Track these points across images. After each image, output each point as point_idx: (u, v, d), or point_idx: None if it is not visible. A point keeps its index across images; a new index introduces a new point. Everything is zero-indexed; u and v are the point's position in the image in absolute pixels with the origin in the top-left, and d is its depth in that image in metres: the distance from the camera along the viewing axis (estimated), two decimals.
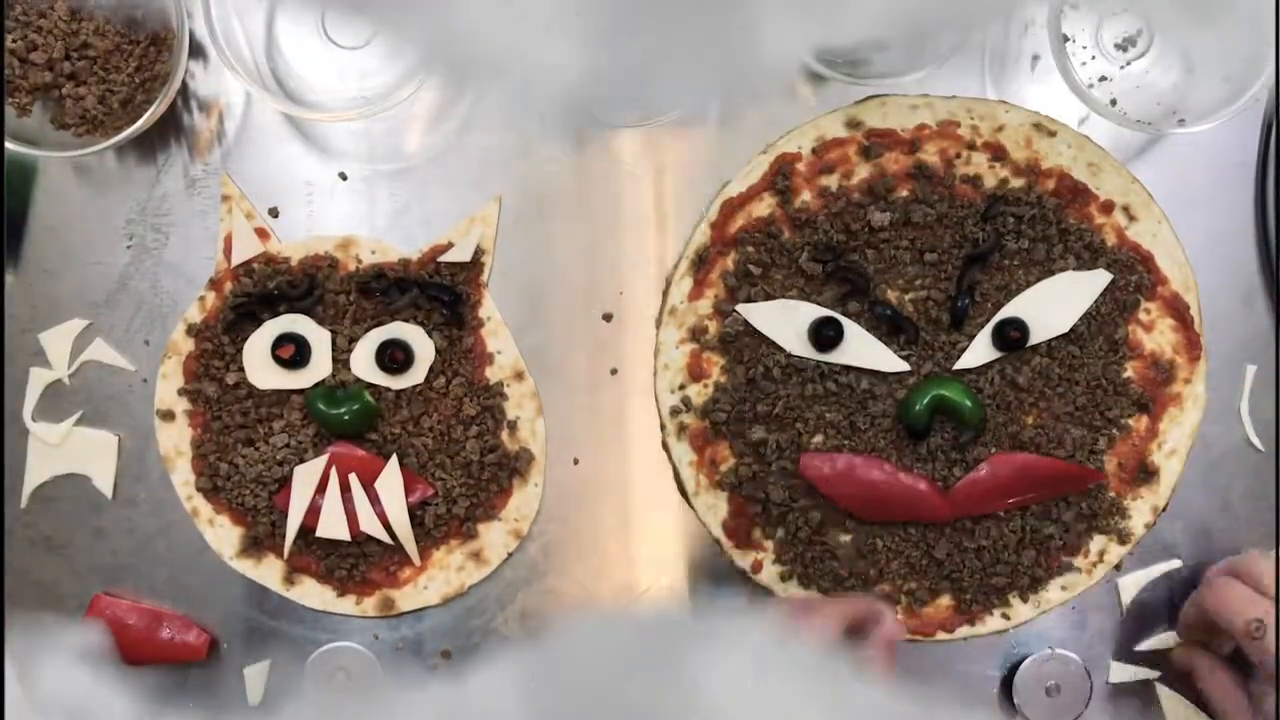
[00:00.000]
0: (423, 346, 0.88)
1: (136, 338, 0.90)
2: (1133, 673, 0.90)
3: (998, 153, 0.88)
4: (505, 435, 0.89)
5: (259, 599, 0.90)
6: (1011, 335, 0.86)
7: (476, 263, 0.89)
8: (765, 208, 0.88)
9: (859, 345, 0.87)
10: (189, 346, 0.89)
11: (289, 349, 0.87)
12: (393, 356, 0.87)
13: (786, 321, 0.88)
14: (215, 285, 0.89)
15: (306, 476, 0.87)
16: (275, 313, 0.88)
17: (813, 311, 0.87)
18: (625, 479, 0.91)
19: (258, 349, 0.88)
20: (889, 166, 0.88)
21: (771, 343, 0.88)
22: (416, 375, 0.88)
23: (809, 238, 0.88)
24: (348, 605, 0.90)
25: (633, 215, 0.90)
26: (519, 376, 0.90)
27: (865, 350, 0.87)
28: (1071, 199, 0.88)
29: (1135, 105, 0.89)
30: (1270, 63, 0.82)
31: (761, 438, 0.87)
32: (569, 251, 0.91)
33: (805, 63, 0.85)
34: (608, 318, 0.91)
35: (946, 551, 0.88)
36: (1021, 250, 0.87)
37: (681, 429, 0.89)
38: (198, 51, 0.89)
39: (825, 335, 0.86)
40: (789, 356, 0.88)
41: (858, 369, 0.88)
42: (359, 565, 0.89)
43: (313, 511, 0.87)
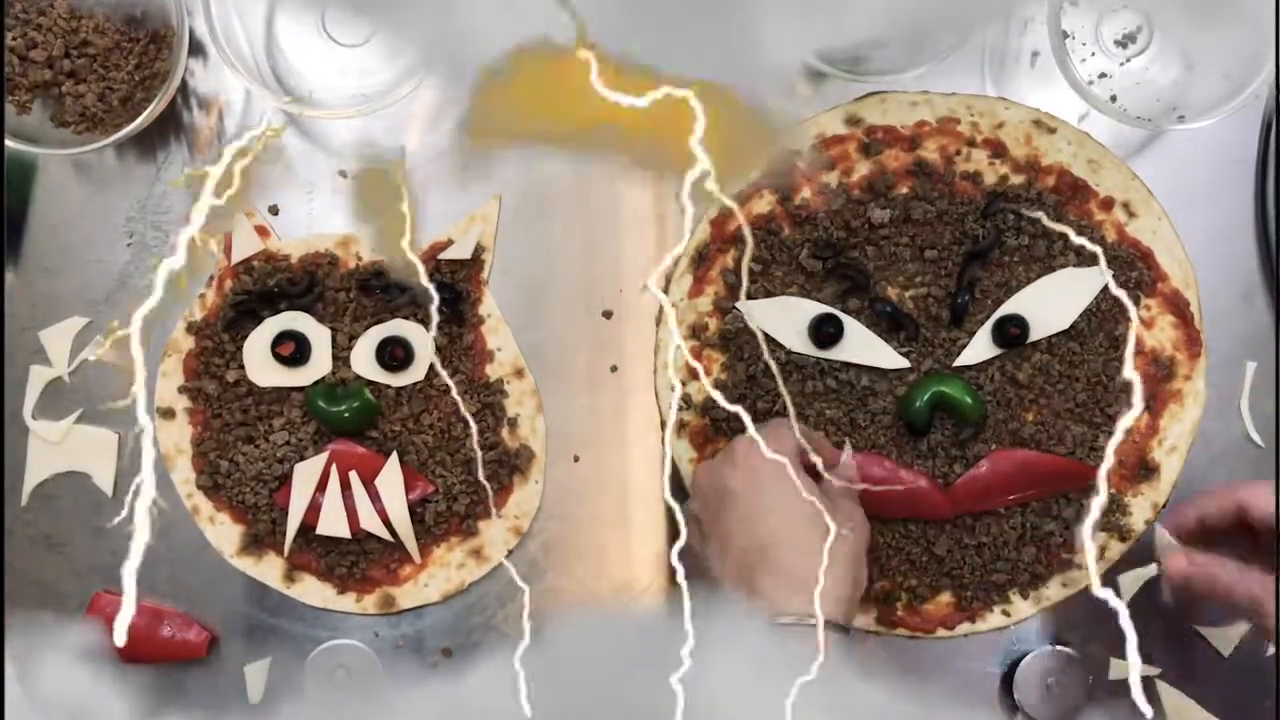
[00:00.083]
0: (423, 344, 0.88)
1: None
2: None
3: (998, 149, 0.88)
4: (505, 432, 0.89)
5: (259, 597, 0.90)
6: (1011, 332, 0.86)
7: (477, 260, 0.89)
8: (765, 204, 0.88)
9: (859, 342, 0.87)
10: (189, 344, 0.89)
11: (289, 346, 0.87)
12: (393, 354, 0.87)
13: (786, 318, 0.88)
14: (215, 283, 0.89)
15: (307, 474, 0.87)
16: (275, 310, 0.88)
17: (813, 308, 0.87)
18: (625, 476, 0.91)
19: (258, 347, 0.88)
20: (889, 163, 0.88)
21: (772, 339, 0.88)
22: (417, 373, 0.88)
23: (809, 234, 0.87)
24: (348, 603, 0.90)
25: (632, 213, 0.90)
26: (519, 374, 0.90)
27: (865, 347, 0.87)
28: (1071, 195, 0.88)
29: (1135, 102, 0.89)
30: (1270, 59, 0.82)
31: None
32: (569, 249, 0.91)
33: (805, 60, 0.85)
34: (608, 315, 0.90)
35: (947, 548, 0.88)
36: (1021, 247, 0.87)
37: (682, 427, 0.89)
38: (197, 49, 0.89)
39: (825, 332, 0.86)
40: (789, 353, 0.88)
41: (858, 366, 0.88)
42: (359, 563, 0.89)
43: (313, 509, 0.87)
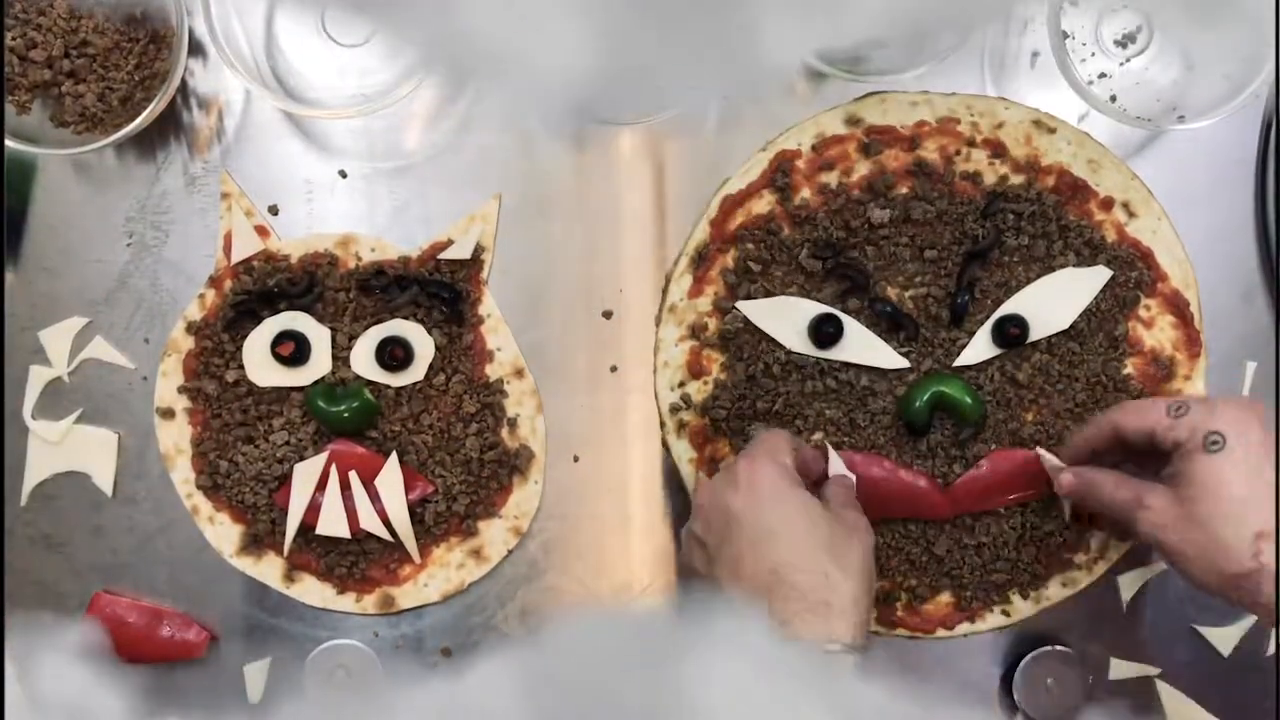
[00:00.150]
0: (422, 344, 0.88)
1: (136, 335, 0.90)
2: (1133, 669, 0.90)
3: (997, 149, 0.88)
4: (505, 432, 0.89)
5: (259, 597, 0.90)
6: (1011, 332, 0.86)
7: (476, 260, 0.89)
8: (765, 205, 0.88)
9: (859, 342, 0.87)
10: (189, 344, 0.89)
11: (289, 346, 0.87)
12: (392, 354, 0.87)
13: (786, 318, 0.87)
14: (215, 283, 0.89)
15: (306, 474, 0.87)
16: (275, 310, 0.88)
17: (813, 308, 0.87)
18: (625, 476, 0.91)
19: (258, 347, 0.88)
20: (889, 163, 0.88)
21: (771, 340, 0.88)
22: (416, 373, 0.88)
23: (809, 235, 0.87)
24: (348, 603, 0.90)
25: (632, 213, 0.90)
26: (519, 374, 0.90)
27: (865, 347, 0.87)
28: (1071, 195, 0.88)
29: (1135, 102, 0.89)
30: (1270, 59, 0.82)
31: None
32: (569, 249, 0.91)
33: (805, 60, 0.85)
34: (608, 315, 0.90)
35: (946, 548, 0.88)
36: (1021, 247, 0.87)
37: (681, 426, 0.89)
38: (197, 49, 0.89)
39: (825, 332, 0.86)
40: (789, 353, 0.88)
41: (857, 366, 0.88)
42: (359, 563, 0.89)
43: (313, 509, 0.87)
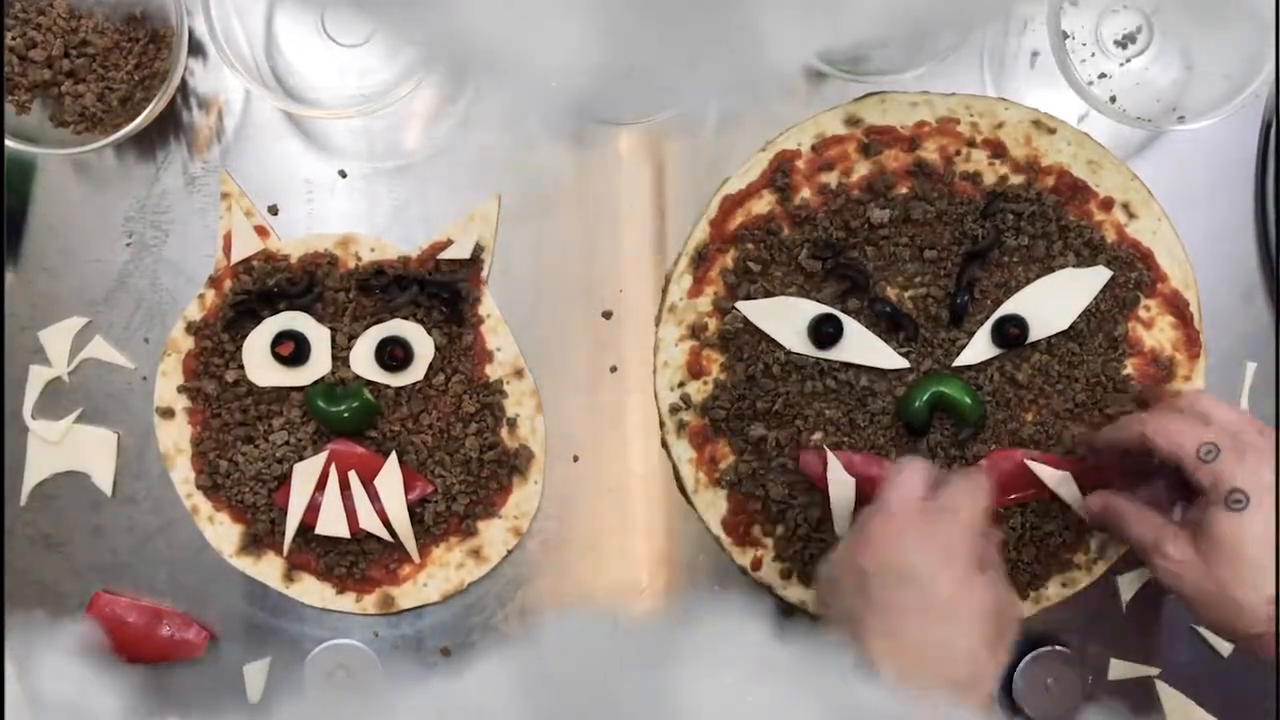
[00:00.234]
0: (422, 344, 0.88)
1: (136, 335, 0.90)
2: (1132, 670, 0.90)
3: (997, 150, 0.88)
4: (505, 432, 0.89)
5: (259, 596, 0.90)
6: (1011, 332, 0.86)
7: (476, 260, 0.89)
8: (765, 205, 0.88)
9: (858, 342, 0.87)
10: (189, 344, 0.89)
11: (289, 346, 0.87)
12: (392, 354, 0.87)
13: (786, 318, 0.87)
14: (215, 283, 0.89)
15: (306, 474, 0.87)
16: (275, 310, 0.88)
17: (812, 308, 0.87)
18: (625, 476, 0.91)
19: (257, 346, 0.88)
20: (888, 163, 0.88)
21: (771, 340, 0.88)
22: (416, 373, 0.88)
23: (808, 235, 0.87)
24: (347, 603, 0.90)
25: (632, 213, 0.90)
26: (518, 374, 0.90)
27: (865, 347, 0.87)
28: (1071, 196, 0.88)
29: (1135, 102, 0.89)
30: (1270, 59, 0.82)
31: (761, 435, 0.87)
32: (569, 249, 0.91)
33: (805, 60, 0.85)
34: (607, 315, 0.90)
35: None
36: (1021, 247, 0.87)
37: (681, 426, 0.89)
38: (197, 49, 0.89)
39: (825, 332, 0.86)
40: (788, 353, 0.88)
41: (857, 366, 0.88)
42: (359, 563, 0.89)
43: (312, 509, 0.87)
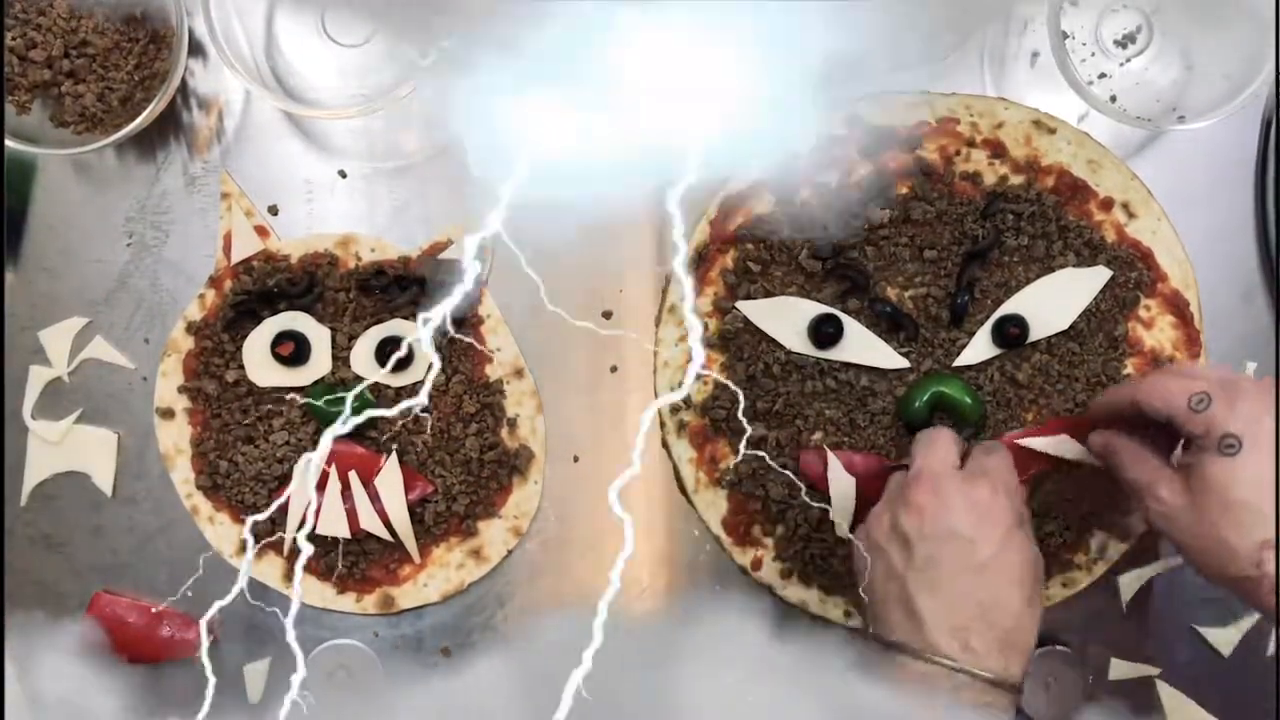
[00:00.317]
0: (422, 344, 0.88)
1: (136, 335, 0.90)
2: (1133, 670, 0.90)
3: (997, 150, 0.88)
4: (505, 433, 0.89)
5: (259, 597, 0.90)
6: (1011, 332, 0.86)
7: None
8: (765, 205, 0.88)
9: (859, 342, 0.87)
10: (189, 344, 0.89)
11: (289, 346, 0.87)
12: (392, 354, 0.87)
13: (786, 318, 0.87)
14: (215, 283, 0.89)
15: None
16: (275, 310, 0.88)
17: (812, 308, 0.87)
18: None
19: (257, 347, 0.88)
20: (889, 163, 0.88)
21: (771, 340, 0.88)
22: (416, 373, 0.88)
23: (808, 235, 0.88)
24: (348, 603, 0.90)
25: (632, 213, 0.90)
26: (519, 374, 0.90)
27: (865, 347, 0.87)
28: (1071, 196, 0.88)
29: (1135, 102, 0.89)
30: (1270, 59, 0.82)
31: (761, 435, 0.87)
32: (569, 249, 0.90)
33: (805, 60, 0.84)
34: (607, 315, 0.90)
35: None
36: (1021, 247, 0.87)
37: (681, 426, 0.89)
38: (197, 49, 0.89)
39: (825, 332, 0.86)
40: (789, 353, 0.88)
41: (857, 366, 0.87)
42: (359, 563, 0.89)
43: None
